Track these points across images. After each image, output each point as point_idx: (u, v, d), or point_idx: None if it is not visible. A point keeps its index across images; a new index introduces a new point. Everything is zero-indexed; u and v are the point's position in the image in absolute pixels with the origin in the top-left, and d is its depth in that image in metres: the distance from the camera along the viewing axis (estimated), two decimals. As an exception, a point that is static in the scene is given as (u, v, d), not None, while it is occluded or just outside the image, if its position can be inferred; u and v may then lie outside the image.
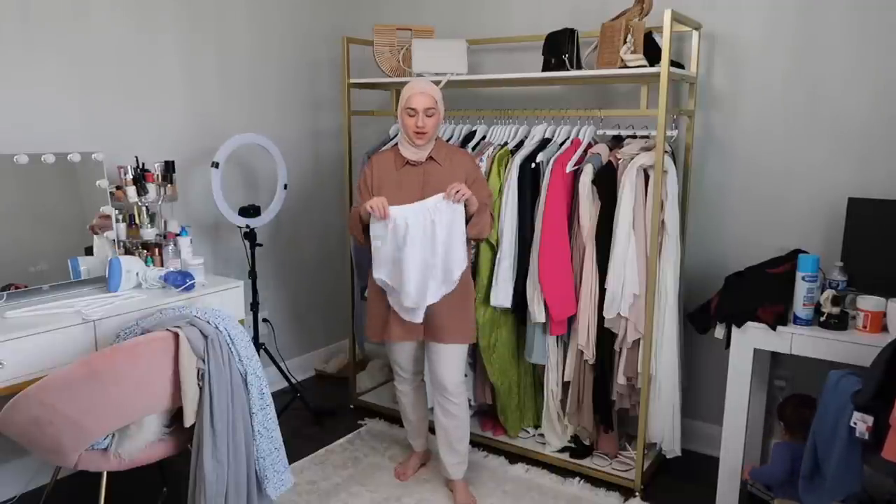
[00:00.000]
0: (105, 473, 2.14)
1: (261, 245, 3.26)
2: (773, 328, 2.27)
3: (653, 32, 2.66)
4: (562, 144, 2.82)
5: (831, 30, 2.59)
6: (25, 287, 2.45)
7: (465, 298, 2.55)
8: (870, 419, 1.83)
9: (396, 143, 2.58)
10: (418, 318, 2.46)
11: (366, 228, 2.48)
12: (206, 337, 2.07)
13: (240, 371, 2.15)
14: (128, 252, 2.72)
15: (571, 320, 2.76)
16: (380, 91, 3.67)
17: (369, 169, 2.55)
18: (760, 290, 2.39)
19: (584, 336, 2.69)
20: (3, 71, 2.54)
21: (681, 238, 2.69)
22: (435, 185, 2.43)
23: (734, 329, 2.35)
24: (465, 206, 2.42)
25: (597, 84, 3.10)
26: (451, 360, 2.55)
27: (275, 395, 2.39)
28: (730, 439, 2.43)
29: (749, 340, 2.34)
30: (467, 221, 2.44)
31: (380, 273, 2.47)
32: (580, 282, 2.70)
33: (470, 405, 3.05)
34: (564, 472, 2.86)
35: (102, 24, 2.82)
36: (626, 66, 2.56)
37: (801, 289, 2.25)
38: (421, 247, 2.38)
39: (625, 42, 2.56)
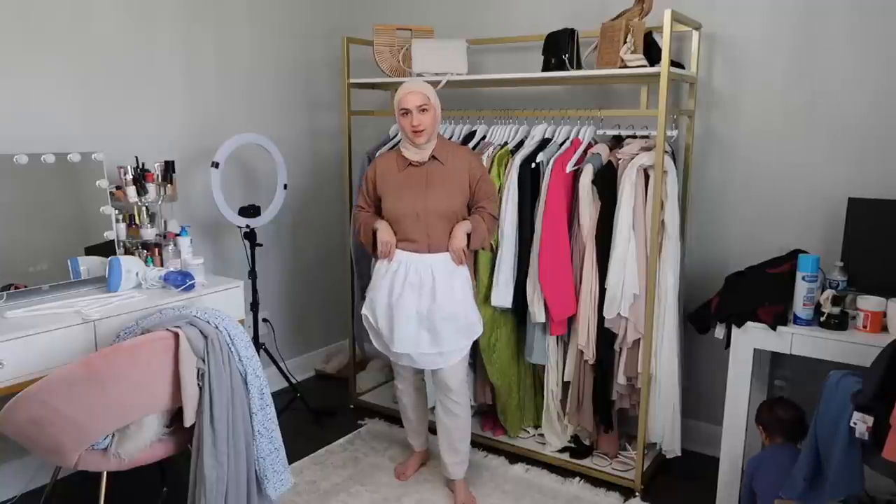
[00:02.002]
0: (105, 473, 2.14)
1: (261, 245, 3.25)
2: (773, 328, 2.27)
3: (653, 32, 2.66)
4: (562, 144, 2.82)
5: (831, 30, 2.59)
6: (25, 287, 2.44)
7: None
8: (870, 419, 1.82)
9: (398, 144, 2.59)
10: (403, 362, 2.55)
11: (370, 244, 2.59)
12: (206, 337, 2.06)
13: (240, 371, 2.15)
14: (128, 252, 2.72)
15: (571, 320, 2.76)
16: (380, 91, 3.67)
17: (371, 171, 2.57)
18: (760, 290, 2.39)
19: (584, 336, 2.69)
20: (3, 71, 2.54)
21: (681, 238, 2.69)
22: (439, 184, 2.44)
23: (734, 329, 2.35)
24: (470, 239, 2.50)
25: (597, 84, 3.10)
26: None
27: (275, 395, 2.39)
28: (730, 439, 2.43)
29: (749, 340, 2.34)
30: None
31: (367, 310, 2.57)
32: (580, 282, 2.70)
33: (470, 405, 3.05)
34: (564, 472, 2.86)
35: (102, 25, 2.82)
36: (626, 66, 2.56)
37: (801, 289, 2.25)
38: (417, 296, 2.44)
39: (625, 42, 2.56)
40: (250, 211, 3.17)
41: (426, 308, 2.44)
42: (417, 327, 2.46)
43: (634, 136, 2.81)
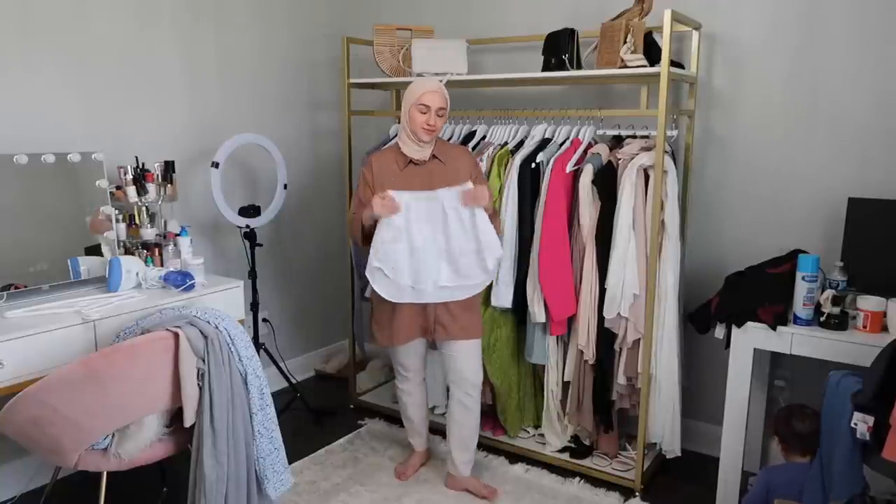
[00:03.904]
0: (105, 473, 2.14)
1: (261, 245, 3.25)
2: (773, 328, 2.27)
3: (653, 32, 2.66)
4: (562, 144, 2.82)
5: (831, 29, 2.59)
6: (25, 287, 2.44)
7: (476, 296, 2.54)
8: (870, 419, 1.82)
9: (395, 143, 2.55)
10: (426, 298, 2.43)
11: (368, 236, 2.46)
12: (206, 337, 2.06)
13: (240, 371, 2.15)
14: (128, 252, 2.72)
15: (571, 320, 2.76)
16: (380, 91, 3.67)
17: (369, 170, 2.51)
18: (760, 290, 2.39)
19: (584, 336, 2.69)
20: (3, 71, 2.54)
21: (681, 238, 2.69)
22: (440, 183, 2.42)
23: (734, 329, 2.35)
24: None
25: (597, 84, 3.10)
26: (471, 355, 2.58)
27: (275, 395, 2.39)
28: (730, 439, 2.43)
29: (749, 340, 2.34)
30: None
31: (383, 263, 2.39)
32: (580, 282, 2.70)
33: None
34: (564, 472, 2.86)
35: (102, 24, 2.82)
36: (626, 66, 2.55)
37: (801, 289, 2.25)
38: (432, 233, 2.37)
39: (625, 42, 2.55)
40: (250, 211, 3.17)
41: (443, 242, 2.39)
42: (437, 259, 2.40)
43: (634, 136, 2.81)
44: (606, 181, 2.63)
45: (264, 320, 3.51)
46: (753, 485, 2.29)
